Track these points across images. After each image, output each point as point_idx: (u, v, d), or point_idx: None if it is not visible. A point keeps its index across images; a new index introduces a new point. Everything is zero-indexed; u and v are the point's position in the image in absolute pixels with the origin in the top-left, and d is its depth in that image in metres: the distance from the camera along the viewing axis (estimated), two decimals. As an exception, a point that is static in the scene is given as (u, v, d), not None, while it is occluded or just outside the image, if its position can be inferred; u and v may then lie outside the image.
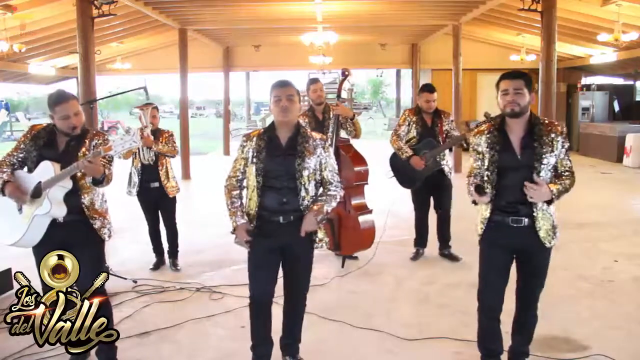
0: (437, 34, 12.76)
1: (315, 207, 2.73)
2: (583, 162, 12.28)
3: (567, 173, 2.61)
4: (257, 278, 2.82)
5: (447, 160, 4.87)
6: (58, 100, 2.79)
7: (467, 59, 11.63)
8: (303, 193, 2.73)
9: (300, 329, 2.98)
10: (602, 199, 7.93)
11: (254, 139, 2.76)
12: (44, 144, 2.86)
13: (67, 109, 2.78)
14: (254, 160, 2.72)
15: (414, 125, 4.74)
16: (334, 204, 2.80)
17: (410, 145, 4.72)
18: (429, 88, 4.79)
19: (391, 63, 16.11)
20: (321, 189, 2.82)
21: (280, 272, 2.87)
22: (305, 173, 2.72)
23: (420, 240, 5.05)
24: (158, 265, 4.86)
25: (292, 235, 2.73)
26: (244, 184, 2.81)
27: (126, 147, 2.65)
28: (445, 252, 4.95)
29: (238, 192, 2.79)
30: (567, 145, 2.60)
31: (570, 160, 2.64)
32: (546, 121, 2.63)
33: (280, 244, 2.78)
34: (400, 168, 4.85)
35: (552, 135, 2.56)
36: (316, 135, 2.82)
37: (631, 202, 7.83)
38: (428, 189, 4.81)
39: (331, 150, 2.86)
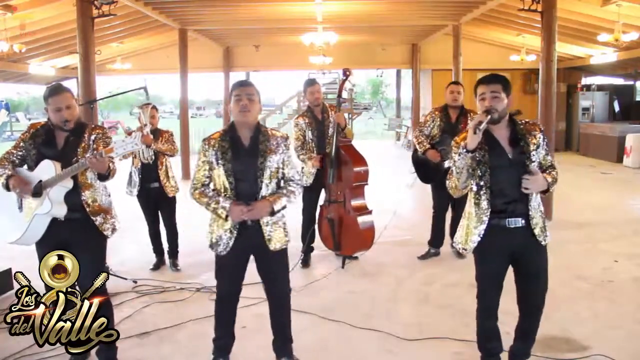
0: (437, 34, 12.76)
1: (271, 197, 2.73)
2: (583, 162, 12.29)
3: (550, 168, 2.67)
4: (224, 279, 2.90)
5: None
6: (52, 92, 2.81)
7: (467, 59, 11.63)
8: (264, 192, 2.73)
9: (290, 329, 2.99)
10: (602, 199, 7.93)
11: (216, 141, 2.75)
12: (43, 141, 2.86)
13: (59, 101, 2.79)
14: (221, 162, 2.71)
15: (438, 122, 4.75)
16: (292, 199, 2.81)
17: (432, 141, 4.75)
18: (454, 81, 4.87)
19: (391, 63, 16.11)
20: (282, 184, 2.83)
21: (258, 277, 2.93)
22: (267, 172, 2.73)
23: (435, 241, 5.02)
24: (158, 265, 4.87)
25: (258, 236, 2.76)
26: (211, 188, 2.80)
27: (128, 150, 2.65)
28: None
29: (209, 189, 2.78)
30: (546, 141, 2.66)
31: (550, 156, 2.71)
32: (524, 121, 2.67)
33: (249, 246, 2.80)
34: (420, 164, 4.88)
35: (534, 132, 2.60)
36: (277, 133, 2.84)
37: (631, 202, 7.82)
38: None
39: (292, 148, 2.88)
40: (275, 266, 2.89)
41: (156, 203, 4.75)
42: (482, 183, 2.59)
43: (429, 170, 4.82)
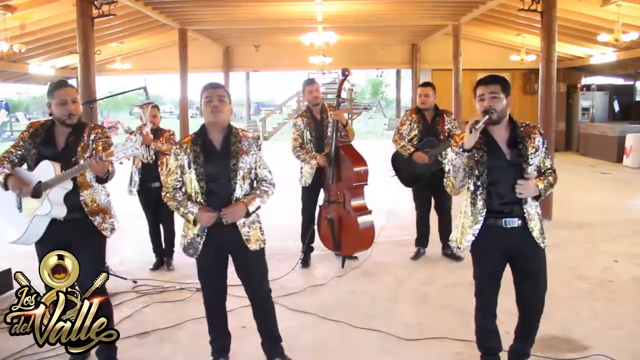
0: (437, 34, 12.77)
1: (246, 199, 2.74)
2: (583, 162, 12.29)
3: (549, 170, 2.67)
4: (208, 280, 2.90)
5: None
6: (57, 85, 2.83)
7: (467, 59, 11.64)
8: (238, 193, 2.74)
9: (276, 328, 2.99)
10: (602, 199, 7.93)
11: (187, 145, 2.75)
12: (42, 141, 2.86)
13: (65, 94, 2.80)
14: (193, 165, 2.72)
15: (415, 124, 4.76)
16: (266, 200, 2.82)
17: (412, 143, 4.75)
18: (422, 83, 4.88)
19: (391, 63, 16.14)
20: (255, 184, 2.84)
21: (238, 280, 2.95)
22: (241, 173, 2.74)
23: (421, 240, 5.05)
24: (158, 265, 4.86)
25: (235, 237, 2.77)
26: (182, 192, 2.80)
27: (128, 154, 2.63)
28: (448, 252, 4.94)
29: (180, 193, 2.78)
30: (546, 145, 2.65)
31: (550, 159, 2.70)
32: (524, 123, 2.66)
33: (224, 247, 2.82)
34: (402, 167, 4.87)
35: (533, 135, 2.60)
36: (249, 134, 2.85)
37: (631, 202, 7.82)
38: (429, 188, 4.82)
39: (262, 148, 2.88)
40: (255, 266, 2.90)
41: (156, 203, 4.74)
42: (479, 183, 2.59)
43: (408, 173, 4.82)
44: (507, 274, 2.73)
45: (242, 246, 2.79)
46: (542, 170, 2.66)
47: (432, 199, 4.93)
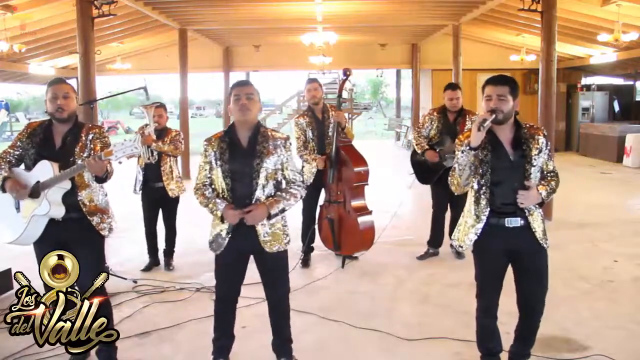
0: (437, 34, 12.76)
1: (268, 201, 2.72)
2: (583, 162, 12.29)
3: (551, 174, 2.67)
4: (224, 278, 2.89)
5: None
6: (53, 82, 2.86)
7: (467, 59, 11.64)
8: (259, 194, 2.72)
9: (289, 329, 2.99)
10: (602, 199, 7.93)
11: (215, 141, 2.76)
12: (40, 141, 2.86)
13: (57, 90, 2.81)
14: (219, 162, 2.72)
15: (436, 122, 4.77)
16: (293, 202, 2.79)
17: (431, 142, 4.76)
18: (451, 86, 4.82)
19: (391, 63, 16.11)
20: (283, 186, 2.83)
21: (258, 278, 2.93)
22: (263, 174, 2.72)
23: (433, 241, 5.02)
24: (150, 266, 4.84)
25: (254, 238, 2.76)
26: (212, 188, 2.80)
27: (127, 153, 2.63)
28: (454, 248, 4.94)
29: (209, 190, 2.78)
30: (549, 146, 2.65)
31: (553, 161, 2.70)
32: (528, 125, 2.66)
33: (245, 247, 2.81)
34: (418, 165, 4.89)
35: (537, 137, 2.60)
36: (277, 134, 2.82)
37: (631, 202, 7.82)
38: (447, 186, 4.80)
39: (293, 149, 2.85)
40: (272, 268, 2.89)
41: (157, 202, 4.75)
42: (483, 182, 2.60)
43: (427, 171, 4.83)
44: (508, 276, 2.73)
45: (259, 247, 2.78)
46: (545, 173, 2.66)
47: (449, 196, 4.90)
